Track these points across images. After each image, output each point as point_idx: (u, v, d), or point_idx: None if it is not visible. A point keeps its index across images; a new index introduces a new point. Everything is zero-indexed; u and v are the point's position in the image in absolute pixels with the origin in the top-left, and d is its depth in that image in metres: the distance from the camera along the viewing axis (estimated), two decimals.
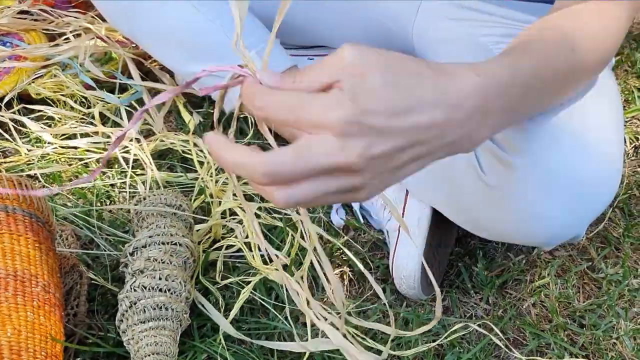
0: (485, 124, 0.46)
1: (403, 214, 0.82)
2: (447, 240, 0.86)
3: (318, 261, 0.49)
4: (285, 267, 0.80)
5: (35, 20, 1.15)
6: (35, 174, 0.95)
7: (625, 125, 1.07)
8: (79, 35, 1.14)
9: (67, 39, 1.11)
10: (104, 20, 1.13)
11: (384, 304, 0.79)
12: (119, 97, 1.05)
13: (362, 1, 1.00)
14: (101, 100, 1.04)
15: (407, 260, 0.79)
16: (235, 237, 0.85)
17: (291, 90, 0.42)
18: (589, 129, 0.66)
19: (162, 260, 0.75)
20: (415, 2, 0.98)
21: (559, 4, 0.66)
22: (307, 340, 0.72)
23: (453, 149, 0.45)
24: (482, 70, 0.46)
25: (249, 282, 0.79)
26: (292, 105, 0.41)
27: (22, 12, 1.14)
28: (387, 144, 0.41)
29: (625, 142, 1.03)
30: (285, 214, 0.88)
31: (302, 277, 0.74)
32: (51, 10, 1.16)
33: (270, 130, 0.45)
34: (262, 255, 0.82)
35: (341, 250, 0.85)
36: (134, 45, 1.12)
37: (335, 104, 0.40)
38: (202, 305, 0.78)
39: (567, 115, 0.64)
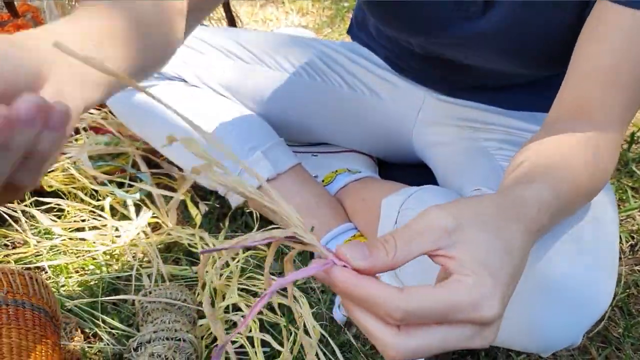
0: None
1: None
2: None
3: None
4: None
5: None
6: (43, 265, 0.97)
7: (620, 224, 1.09)
8: (93, 128, 1.19)
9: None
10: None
11: None
12: (127, 192, 1.08)
13: (366, 109, 1.05)
14: (111, 194, 1.07)
15: None
16: (239, 332, 0.85)
17: (389, 265, 0.41)
18: (582, 236, 0.68)
19: (165, 356, 0.76)
20: (415, 107, 1.03)
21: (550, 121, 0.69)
22: None
23: None
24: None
25: None
26: (442, 312, 0.40)
27: None
28: (510, 293, 0.44)
29: (621, 240, 1.05)
30: (290, 311, 0.89)
31: None
32: None
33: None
34: (264, 352, 0.82)
35: (344, 347, 0.85)
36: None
37: (486, 301, 0.41)
38: None
39: (560, 223, 0.66)
